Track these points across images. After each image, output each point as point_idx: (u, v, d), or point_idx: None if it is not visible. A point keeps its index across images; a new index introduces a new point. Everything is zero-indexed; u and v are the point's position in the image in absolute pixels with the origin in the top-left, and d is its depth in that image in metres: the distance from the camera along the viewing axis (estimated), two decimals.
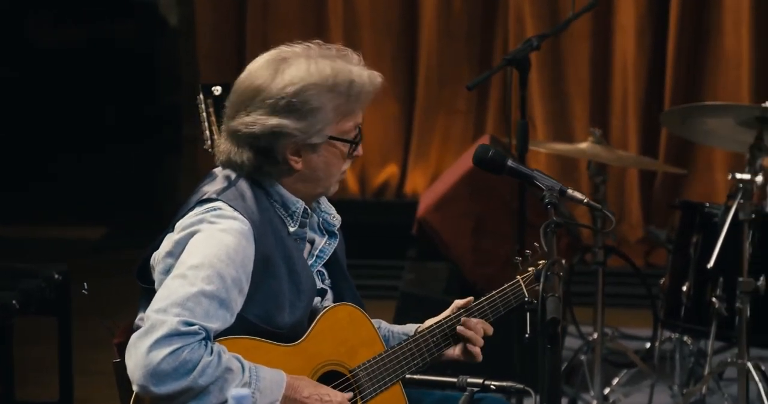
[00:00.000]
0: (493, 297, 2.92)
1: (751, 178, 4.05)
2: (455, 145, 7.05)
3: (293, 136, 2.59)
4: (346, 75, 2.63)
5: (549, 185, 2.70)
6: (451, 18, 6.96)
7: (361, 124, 2.72)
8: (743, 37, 6.69)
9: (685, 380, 4.90)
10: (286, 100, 2.58)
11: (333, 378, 2.67)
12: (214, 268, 2.48)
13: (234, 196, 2.59)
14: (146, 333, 2.42)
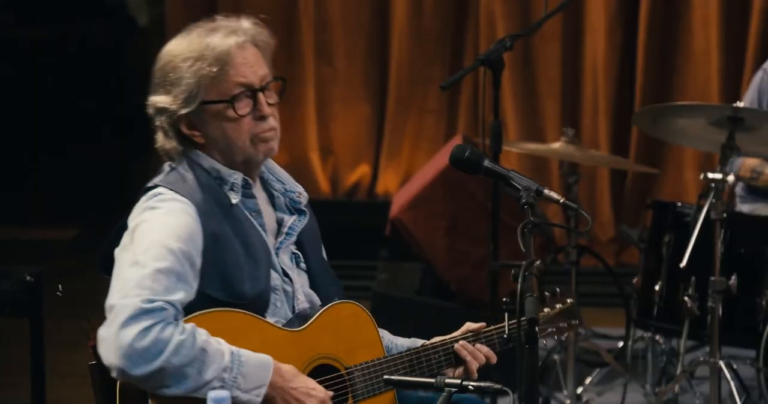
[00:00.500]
0: (502, 328, 2.89)
1: (723, 178, 4.06)
2: (427, 144, 7.05)
3: (166, 110, 2.65)
4: (200, 42, 2.65)
5: (525, 185, 2.70)
6: (422, 18, 6.96)
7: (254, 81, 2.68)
8: (712, 37, 6.72)
9: (657, 379, 4.93)
10: (156, 77, 2.68)
11: (326, 372, 2.67)
12: (163, 245, 2.52)
13: (174, 180, 2.65)
14: (111, 320, 2.44)
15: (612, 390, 4.93)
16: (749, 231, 4.39)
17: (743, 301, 4.33)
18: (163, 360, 2.41)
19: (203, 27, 2.70)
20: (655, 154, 6.84)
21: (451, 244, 5.13)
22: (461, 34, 6.99)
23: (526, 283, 2.38)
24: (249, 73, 2.67)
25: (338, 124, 7.10)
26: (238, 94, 2.67)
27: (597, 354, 5.01)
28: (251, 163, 2.74)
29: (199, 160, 2.70)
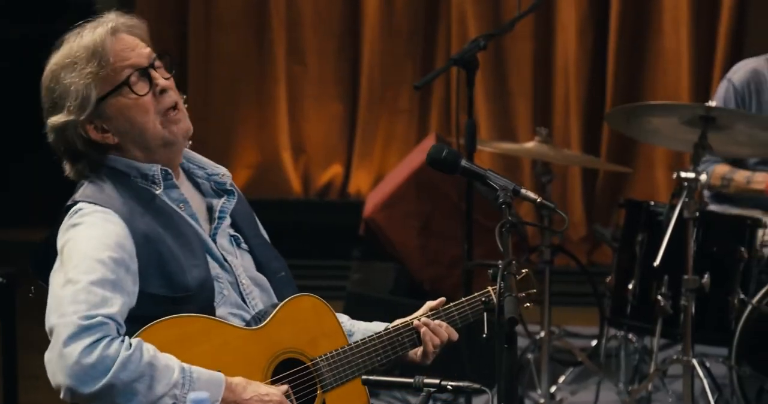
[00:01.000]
0: (461, 303, 2.91)
1: (696, 177, 4.08)
2: (399, 144, 7.06)
3: (67, 124, 2.60)
4: (74, 42, 2.61)
5: (502, 185, 2.68)
6: (393, 18, 6.96)
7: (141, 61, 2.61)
8: (682, 37, 6.76)
9: (630, 377, 4.94)
10: (44, 101, 2.64)
11: (292, 365, 2.65)
12: (91, 258, 2.47)
13: (92, 192, 2.61)
14: (55, 341, 2.38)
15: (585, 388, 4.93)
16: (721, 230, 4.40)
17: (715, 300, 4.34)
18: (111, 376, 2.36)
19: (68, 37, 2.65)
20: (626, 153, 6.87)
21: (425, 244, 5.13)
22: (433, 33, 7.00)
23: (505, 283, 2.37)
24: (132, 56, 2.61)
25: (310, 123, 7.09)
26: (129, 76, 2.60)
27: (570, 353, 5.02)
28: (172, 147, 2.68)
29: (115, 164, 2.65)
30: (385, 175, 6.93)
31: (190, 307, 2.57)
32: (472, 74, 4.12)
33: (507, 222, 2.56)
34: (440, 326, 2.85)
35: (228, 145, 7.03)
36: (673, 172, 6.67)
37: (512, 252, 2.55)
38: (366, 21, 6.98)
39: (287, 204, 6.96)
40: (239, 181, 6.83)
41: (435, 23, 7.00)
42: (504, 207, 2.65)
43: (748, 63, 4.85)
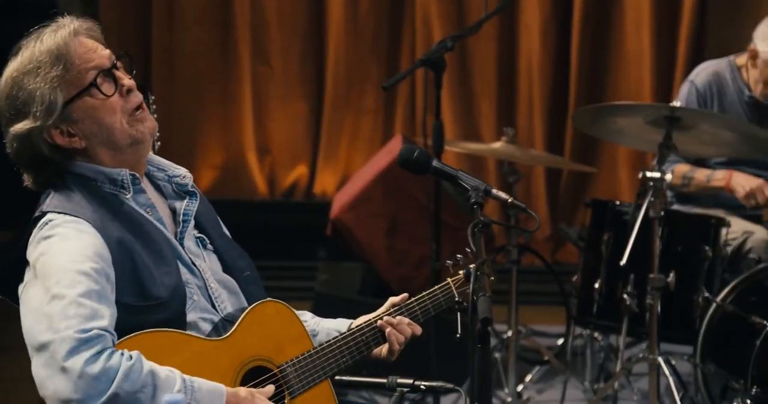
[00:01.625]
0: (422, 297, 2.92)
1: (661, 177, 4.11)
2: (364, 144, 7.06)
3: (37, 129, 2.55)
4: (33, 47, 2.57)
5: (474, 185, 2.69)
6: (358, 18, 6.96)
7: (104, 62, 2.59)
8: (644, 38, 6.80)
9: (595, 376, 4.97)
10: (4, 111, 2.59)
11: (259, 373, 2.64)
12: (72, 271, 2.43)
13: (59, 202, 2.56)
14: (51, 356, 2.34)
15: (552, 387, 4.96)
16: (686, 230, 4.43)
17: (680, 298, 4.37)
18: (115, 386, 2.33)
19: (25, 43, 2.61)
20: (590, 153, 6.91)
21: (392, 244, 5.13)
22: (397, 33, 7.01)
23: (478, 282, 2.37)
24: (95, 57, 2.59)
25: (275, 123, 7.08)
26: (95, 77, 2.58)
27: (537, 352, 5.04)
28: (140, 146, 2.66)
29: (82, 170, 2.61)
30: (350, 175, 6.93)
31: (162, 315, 2.54)
32: (439, 75, 4.13)
33: (479, 223, 2.56)
34: (403, 323, 2.84)
35: (192, 145, 7.00)
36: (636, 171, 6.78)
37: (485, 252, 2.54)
38: (331, 21, 6.97)
39: (252, 204, 6.94)
40: (204, 182, 6.81)
41: (399, 23, 7.00)
42: (476, 207, 2.66)
43: (710, 65, 4.88)
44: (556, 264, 6.66)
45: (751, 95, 4.77)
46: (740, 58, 4.85)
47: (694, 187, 4.74)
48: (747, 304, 4.29)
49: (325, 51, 7.02)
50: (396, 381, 2.49)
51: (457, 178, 2.73)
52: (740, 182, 4.62)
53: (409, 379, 2.50)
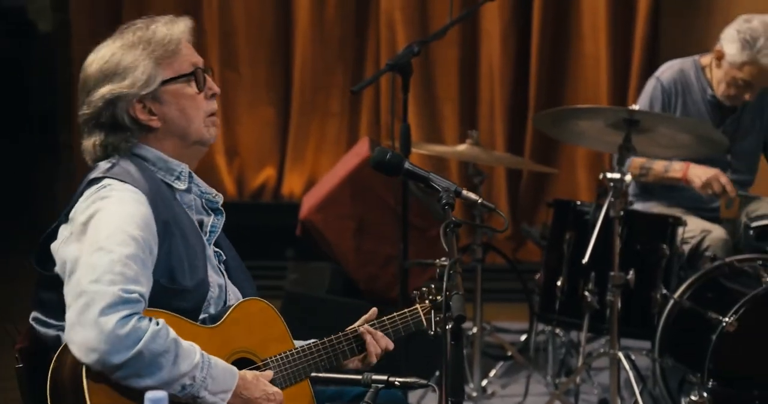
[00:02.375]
0: (393, 317, 2.92)
1: (621, 177, 4.13)
2: (330, 147, 7.05)
3: (125, 95, 2.60)
4: (146, 30, 2.65)
5: (445, 186, 2.71)
6: (324, 25, 6.94)
7: (201, 64, 2.70)
8: (601, 42, 6.82)
9: (557, 370, 5.00)
10: (101, 71, 2.62)
11: (245, 364, 2.66)
12: (125, 233, 2.46)
13: (120, 172, 2.59)
14: (88, 305, 2.37)
15: (516, 381, 4.97)
16: (644, 229, 4.46)
17: (639, 295, 4.40)
18: (141, 345, 2.36)
19: (128, 27, 2.68)
20: (549, 155, 6.93)
21: (359, 245, 5.13)
22: (362, 39, 7.00)
23: (451, 281, 2.38)
24: (196, 58, 2.70)
25: (243, 128, 7.05)
26: (195, 70, 2.68)
27: (501, 348, 5.05)
28: (202, 147, 2.73)
29: (144, 152, 2.66)
30: (317, 177, 6.93)
31: (182, 304, 2.58)
32: (406, 79, 4.14)
33: (451, 223, 2.57)
34: (379, 335, 2.85)
35: None
36: (594, 172, 6.83)
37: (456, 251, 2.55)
38: (297, 28, 6.95)
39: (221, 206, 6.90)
40: None
41: (364, 30, 7.00)
42: (447, 208, 2.67)
43: (676, 63, 4.91)
44: (517, 262, 6.67)
45: (713, 94, 4.81)
46: (705, 58, 4.88)
47: (652, 177, 4.77)
48: (703, 301, 4.32)
49: (291, 57, 7.00)
50: (371, 377, 2.50)
51: (429, 180, 2.74)
52: (697, 173, 4.66)
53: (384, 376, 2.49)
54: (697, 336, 4.20)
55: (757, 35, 4.62)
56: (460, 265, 2.47)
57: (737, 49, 4.63)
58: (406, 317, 2.93)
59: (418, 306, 2.94)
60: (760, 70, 4.63)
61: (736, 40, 4.64)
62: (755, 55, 4.61)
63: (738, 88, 4.70)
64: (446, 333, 2.33)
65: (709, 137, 4.35)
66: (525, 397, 4.77)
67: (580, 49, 6.89)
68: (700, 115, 4.81)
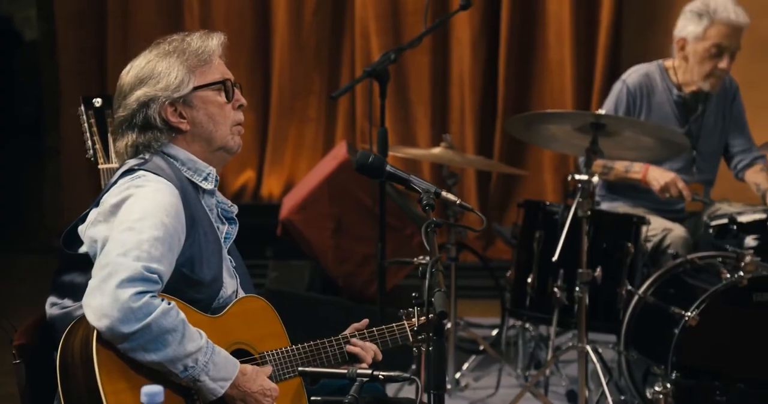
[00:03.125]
0: (382, 330, 2.95)
1: (589, 179, 4.15)
2: (308, 151, 7.06)
3: (159, 98, 2.65)
4: (181, 41, 2.72)
5: (425, 188, 2.72)
6: (301, 33, 6.94)
7: (231, 77, 2.75)
8: (565, 50, 6.86)
9: (527, 363, 5.01)
10: (137, 77, 2.68)
11: (241, 356, 2.68)
12: (157, 217, 2.50)
13: (153, 167, 2.63)
14: (110, 275, 2.41)
15: (488, 374, 4.98)
16: (610, 228, 4.47)
17: (605, 291, 4.42)
18: (151, 319, 2.39)
19: (169, 38, 2.75)
20: (517, 157, 6.95)
21: (338, 244, 5.14)
22: (338, 47, 7.00)
23: (433, 279, 2.39)
24: (227, 71, 2.75)
25: None
26: (224, 80, 2.72)
27: (474, 342, 5.06)
28: (226, 155, 2.76)
29: (175, 152, 2.69)
30: (295, 179, 6.95)
31: (196, 296, 2.61)
32: (384, 85, 4.16)
33: (432, 222, 2.58)
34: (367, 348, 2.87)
35: None
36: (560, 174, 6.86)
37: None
38: (276, 37, 6.95)
39: None
40: None
41: (340, 38, 7.00)
42: (427, 208, 2.68)
43: (642, 67, 4.94)
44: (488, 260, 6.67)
45: (679, 94, 4.85)
46: (668, 62, 4.92)
47: (614, 176, 4.80)
48: (666, 296, 4.34)
49: (270, 64, 7.00)
50: (356, 371, 2.50)
51: (410, 182, 2.75)
52: (655, 176, 4.69)
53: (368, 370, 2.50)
54: (661, 330, 4.22)
55: (705, 3, 4.70)
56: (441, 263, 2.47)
57: (694, 23, 4.71)
58: (393, 331, 2.95)
59: (406, 323, 2.97)
60: (723, 26, 4.70)
61: (689, 19, 4.74)
62: (712, 16, 4.69)
63: (713, 59, 4.72)
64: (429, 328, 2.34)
65: (672, 140, 4.38)
66: (497, 389, 4.79)
67: (546, 56, 6.92)
68: (665, 116, 4.83)
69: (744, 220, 4.47)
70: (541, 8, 6.88)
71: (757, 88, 5.81)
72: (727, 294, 4.08)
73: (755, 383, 4.06)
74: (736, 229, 4.48)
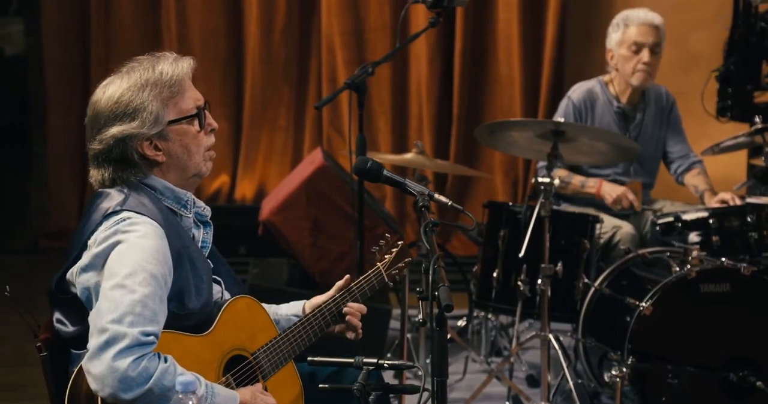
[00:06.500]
0: (360, 281, 2.92)
1: (551, 182, 4.15)
2: (278, 157, 7.02)
3: (135, 135, 2.52)
4: (152, 71, 2.57)
5: (419, 191, 2.69)
6: (271, 48, 6.90)
7: (202, 101, 2.63)
8: (514, 63, 6.88)
9: (490, 350, 5.01)
10: (111, 111, 2.52)
11: (238, 362, 2.61)
12: (146, 271, 2.37)
13: (135, 204, 2.50)
14: (108, 344, 2.29)
15: (456, 361, 4.97)
16: (568, 226, 4.48)
17: (564, 284, 4.43)
18: (151, 383, 2.29)
19: (137, 65, 2.58)
20: (471, 161, 6.96)
21: (315, 242, 5.10)
22: (306, 61, 6.96)
23: (436, 274, 2.37)
24: (197, 95, 2.63)
25: None
26: (199, 110, 2.60)
27: None
28: (198, 180, 2.66)
29: (153, 182, 2.57)
30: (266, 183, 6.93)
31: (188, 323, 2.51)
32: (362, 96, 4.13)
33: (430, 223, 2.56)
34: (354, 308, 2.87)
35: None
36: (509, 177, 6.87)
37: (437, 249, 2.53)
38: (248, 51, 6.90)
39: None
40: None
41: (307, 53, 6.96)
42: (423, 210, 2.65)
43: (584, 84, 4.99)
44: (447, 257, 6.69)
45: (618, 106, 4.90)
46: (606, 77, 4.98)
47: (570, 191, 4.83)
48: (619, 288, 4.36)
49: (243, 77, 6.95)
50: (362, 360, 2.47)
51: (405, 185, 2.72)
52: (608, 190, 4.73)
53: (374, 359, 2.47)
54: (616, 319, 4.24)
55: (622, 15, 4.87)
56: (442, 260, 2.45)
57: (615, 32, 4.93)
58: (370, 279, 2.93)
59: (378, 264, 2.96)
60: (636, 26, 4.82)
61: (611, 31, 4.96)
62: (626, 21, 4.87)
63: (633, 54, 4.81)
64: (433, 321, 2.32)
65: (623, 145, 4.40)
66: (464, 375, 4.78)
67: (497, 70, 6.94)
68: (607, 125, 4.88)
69: (688, 218, 4.50)
70: (492, 26, 6.89)
71: (689, 98, 5.86)
72: (677, 285, 4.10)
73: (703, 366, 4.08)
74: (680, 227, 4.50)
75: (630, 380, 4.00)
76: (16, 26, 9.57)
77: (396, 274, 2.99)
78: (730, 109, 5.66)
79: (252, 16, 6.85)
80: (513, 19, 6.80)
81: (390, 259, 2.97)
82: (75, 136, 6.83)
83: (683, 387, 4.05)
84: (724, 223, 4.42)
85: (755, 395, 4.08)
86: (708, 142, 4.94)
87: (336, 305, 2.84)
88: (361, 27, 6.84)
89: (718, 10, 6.22)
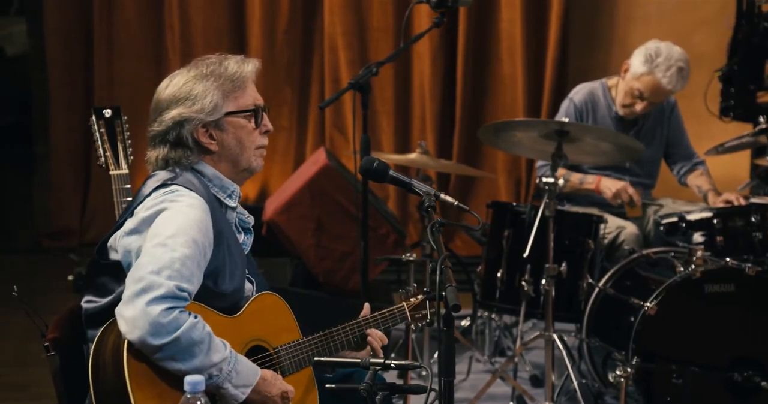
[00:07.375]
0: (384, 313, 2.94)
1: (555, 182, 4.16)
2: (280, 158, 7.02)
3: (193, 119, 2.61)
4: (218, 65, 2.66)
5: (426, 191, 2.69)
6: (274, 49, 6.90)
7: (261, 102, 2.72)
8: (517, 64, 6.87)
9: (494, 350, 5.01)
10: (174, 96, 2.64)
11: (258, 351, 2.66)
12: (189, 235, 2.46)
13: (185, 181, 2.60)
14: (144, 290, 2.37)
15: (461, 361, 4.96)
16: (572, 226, 4.48)
17: (568, 284, 4.43)
18: (180, 332, 2.36)
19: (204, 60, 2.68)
20: (474, 161, 6.95)
21: (318, 242, 5.11)
22: (308, 62, 6.96)
23: (444, 274, 2.37)
24: (258, 96, 2.72)
25: None
26: (257, 107, 2.69)
27: None
28: (248, 176, 2.74)
29: (204, 169, 2.66)
30: (269, 184, 6.92)
31: (218, 304, 2.56)
32: (366, 96, 4.12)
33: (436, 223, 2.56)
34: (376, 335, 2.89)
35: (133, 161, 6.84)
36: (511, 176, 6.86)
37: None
38: (250, 52, 6.90)
39: None
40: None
41: (310, 53, 6.96)
42: (429, 210, 2.65)
43: (587, 85, 4.98)
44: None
45: (617, 111, 4.90)
46: (611, 80, 4.96)
47: (569, 188, 4.83)
48: (623, 288, 4.37)
49: None
50: (369, 360, 2.46)
51: (411, 185, 2.72)
52: (607, 185, 4.73)
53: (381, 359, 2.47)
54: (620, 319, 4.24)
55: (659, 53, 4.74)
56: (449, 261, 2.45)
57: (640, 61, 4.75)
58: (394, 313, 2.95)
59: (404, 303, 2.98)
60: (653, 82, 4.75)
61: (642, 54, 4.77)
62: (653, 68, 4.72)
63: (633, 98, 4.81)
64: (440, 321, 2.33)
65: (627, 145, 4.40)
66: (468, 375, 4.78)
67: (500, 70, 6.93)
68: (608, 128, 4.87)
69: (692, 218, 4.50)
70: (495, 26, 6.88)
71: (692, 98, 5.86)
72: (682, 285, 4.11)
73: (708, 366, 4.08)
74: (685, 227, 4.51)
75: (634, 380, 4.01)
76: (18, 26, 9.57)
77: (418, 319, 2.99)
78: (733, 109, 5.67)
79: (255, 16, 6.86)
80: (516, 19, 6.80)
81: (416, 303, 2.98)
82: (77, 136, 6.84)
83: (688, 387, 4.05)
84: (729, 223, 4.42)
85: (760, 395, 4.09)
86: (711, 142, 4.94)
87: (359, 327, 2.87)
88: (363, 27, 6.84)
89: (722, 10, 6.22)
